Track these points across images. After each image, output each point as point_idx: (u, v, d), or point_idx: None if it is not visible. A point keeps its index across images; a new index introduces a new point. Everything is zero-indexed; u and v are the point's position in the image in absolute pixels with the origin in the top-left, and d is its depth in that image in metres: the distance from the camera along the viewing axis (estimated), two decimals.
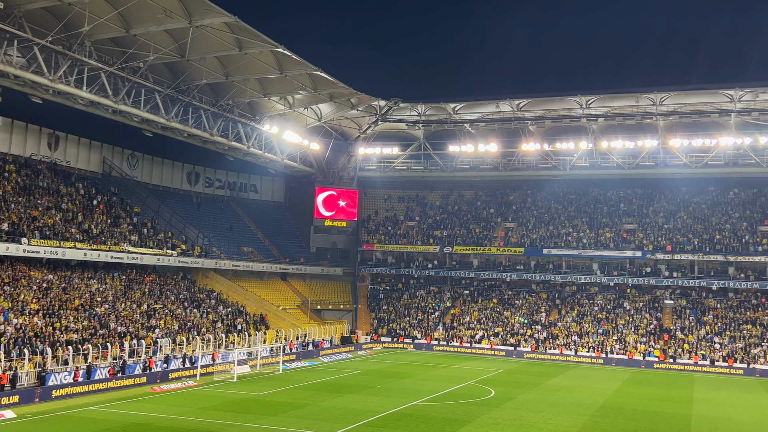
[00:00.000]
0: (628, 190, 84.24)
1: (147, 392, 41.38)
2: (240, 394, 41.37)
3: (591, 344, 67.38)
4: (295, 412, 35.88)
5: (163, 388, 42.64)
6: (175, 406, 36.80)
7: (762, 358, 61.63)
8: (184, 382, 45.16)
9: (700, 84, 68.30)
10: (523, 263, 78.52)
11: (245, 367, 51.36)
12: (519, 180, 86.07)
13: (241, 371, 49.81)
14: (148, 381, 43.91)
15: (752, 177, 76.04)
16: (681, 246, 72.62)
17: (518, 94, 72.90)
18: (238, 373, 48.57)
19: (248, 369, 51.45)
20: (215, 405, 37.44)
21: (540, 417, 36.40)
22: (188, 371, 47.62)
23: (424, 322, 75.88)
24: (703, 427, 35.49)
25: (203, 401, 38.59)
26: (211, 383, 45.46)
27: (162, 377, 45.11)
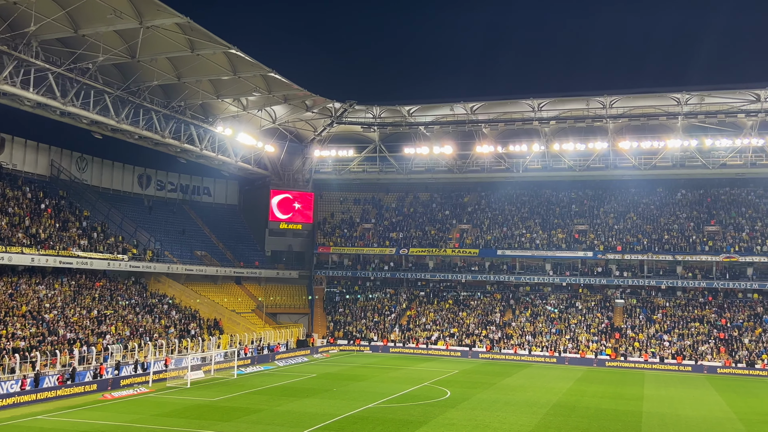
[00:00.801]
0: (579, 192, 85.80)
1: (97, 400, 40.44)
2: (194, 400, 40.76)
3: (544, 343, 68.37)
4: (249, 417, 35.51)
5: (114, 396, 41.74)
6: (127, 414, 36.06)
7: (709, 355, 63.38)
8: (135, 389, 44.29)
9: (649, 87, 70.32)
10: (478, 264, 79.26)
11: (199, 372, 50.62)
12: (473, 182, 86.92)
13: (195, 377, 49.07)
14: (99, 388, 42.93)
15: (699, 178, 78.27)
16: (631, 246, 74.25)
17: (472, 97, 73.64)
18: (191, 378, 47.84)
19: (202, 374, 50.72)
20: (168, 412, 36.81)
21: (495, 417, 36.76)
22: (140, 378, 46.71)
23: (380, 324, 75.97)
24: (653, 424, 36.30)
25: (156, 408, 37.90)
26: (164, 390, 44.69)
27: (113, 384, 44.16)
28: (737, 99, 68.34)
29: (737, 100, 68.45)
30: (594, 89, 71.03)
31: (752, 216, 76.13)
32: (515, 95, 73.37)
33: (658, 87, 69.70)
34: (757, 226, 74.17)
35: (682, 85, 67.46)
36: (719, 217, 77.05)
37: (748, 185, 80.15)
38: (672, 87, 68.35)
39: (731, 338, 65.35)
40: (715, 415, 39.71)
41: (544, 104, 72.97)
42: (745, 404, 43.99)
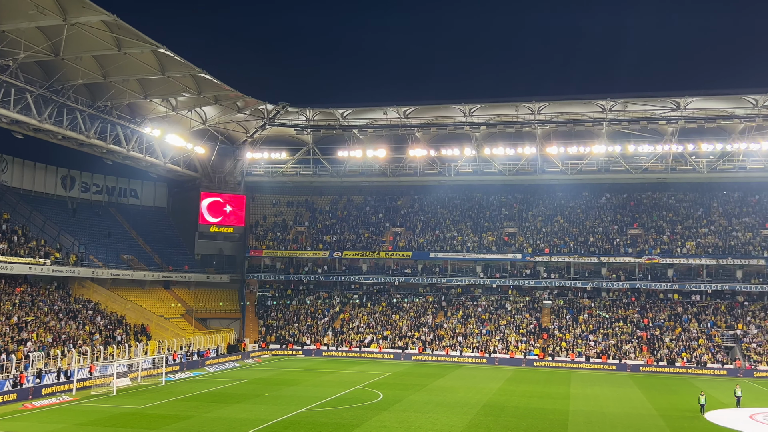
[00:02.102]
0: (509, 196, 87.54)
1: (17, 409, 38.81)
2: (119, 408, 39.60)
3: (475, 344, 69.40)
4: (178, 424, 34.74)
5: (35, 405, 40.15)
6: (49, 423, 34.74)
7: (632, 354, 65.61)
8: (58, 397, 42.72)
9: (575, 94, 71.97)
10: (411, 267, 79.83)
11: (125, 379, 49.22)
12: (407, 185, 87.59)
13: (121, 384, 47.70)
14: (19, 398, 41.23)
15: (622, 183, 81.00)
16: (558, 248, 76.21)
17: (405, 101, 74.18)
18: (117, 386, 46.48)
19: (129, 382, 49.34)
20: (92, 420, 35.65)
21: (427, 418, 37.09)
22: (63, 386, 45.08)
23: (313, 328, 75.58)
24: (579, 422, 37.33)
25: (79, 417, 36.64)
26: (89, 398, 43.26)
27: (34, 393, 42.48)
28: (659, 107, 71.09)
29: (659, 107, 71.19)
30: (523, 95, 72.59)
31: (673, 219, 79.33)
32: (447, 100, 74.36)
33: (583, 94, 71.71)
34: (677, 229, 77.32)
35: (606, 93, 69.66)
36: (642, 220, 79.96)
37: (669, 190, 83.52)
38: (597, 94, 70.51)
39: (653, 337, 67.86)
40: (638, 412, 41.14)
41: (475, 109, 74.16)
42: (665, 401, 45.72)
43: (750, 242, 73.22)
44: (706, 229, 76.57)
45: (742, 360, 63.51)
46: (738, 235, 74.61)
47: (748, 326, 68.13)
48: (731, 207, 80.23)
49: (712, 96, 68.53)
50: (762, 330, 67.48)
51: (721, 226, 76.90)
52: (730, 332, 67.68)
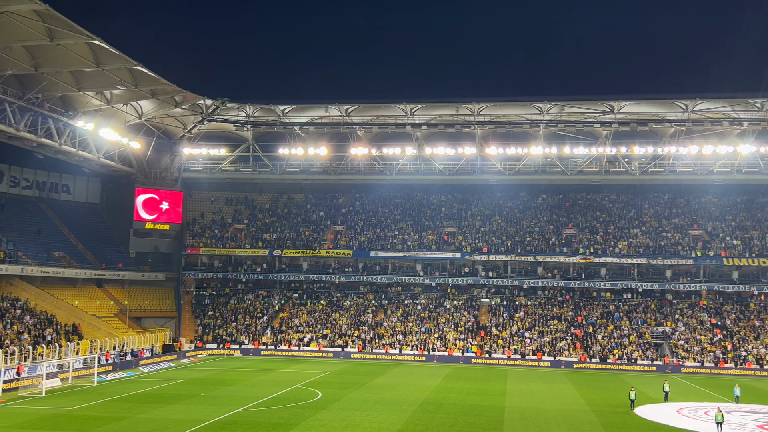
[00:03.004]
0: (449, 195, 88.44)
1: None
2: (49, 409, 38.29)
3: (414, 342, 69.87)
4: (109, 426, 33.83)
5: None
6: None
7: (566, 351, 67.18)
8: None
9: (513, 96, 73.13)
10: (352, 265, 79.82)
11: (55, 380, 47.63)
12: (348, 184, 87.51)
13: (51, 385, 46.15)
14: None
15: (558, 184, 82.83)
16: (496, 248, 77.44)
17: (346, 100, 73.98)
18: (47, 387, 44.95)
19: (59, 382, 47.78)
20: (20, 423, 34.35)
21: (365, 416, 37.13)
22: None
23: (252, 327, 74.73)
24: (514, 418, 37.99)
25: (5, 419, 35.25)
26: (16, 400, 41.69)
27: None
28: (594, 110, 72.93)
29: (594, 110, 73.03)
30: (463, 96, 73.39)
31: (606, 220, 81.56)
32: (389, 99, 74.53)
33: (522, 96, 72.99)
34: (610, 229, 79.54)
35: (544, 95, 71.06)
36: (576, 220, 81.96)
37: (603, 191, 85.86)
38: (535, 96, 71.86)
39: (586, 335, 69.65)
40: (571, 407, 42.12)
41: (417, 109, 74.61)
42: (597, 396, 46.97)
43: (679, 243, 75.91)
44: (638, 230, 79.02)
45: (670, 356, 65.79)
46: (668, 236, 77.26)
47: (677, 324, 70.63)
48: (661, 208, 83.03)
49: (644, 100, 70.74)
50: (689, 327, 70.05)
51: (651, 226, 79.48)
52: (660, 330, 70.05)
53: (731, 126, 71.44)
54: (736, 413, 40.83)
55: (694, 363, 64.28)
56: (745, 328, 69.31)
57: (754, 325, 69.74)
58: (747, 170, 75.25)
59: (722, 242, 75.48)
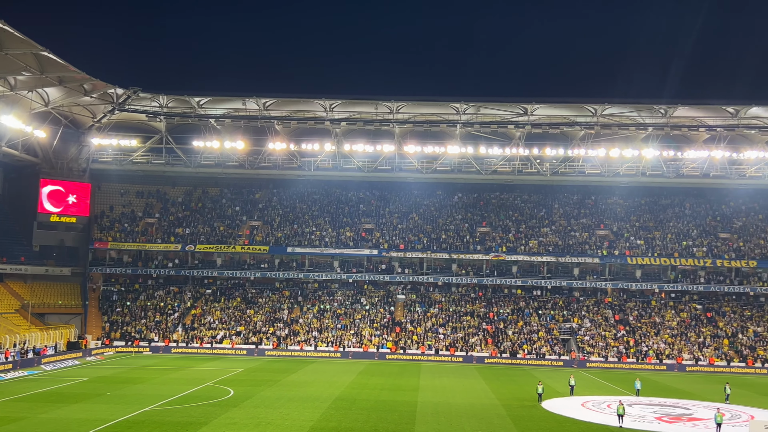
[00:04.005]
0: (367, 192, 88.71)
1: None
2: None
3: (330, 339, 69.75)
4: (8, 427, 32.17)
5: None
6: None
7: (478, 346, 68.61)
8: None
9: (431, 96, 74.14)
10: (268, 261, 78.93)
11: None
12: (265, 178, 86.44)
13: None
14: None
15: (473, 183, 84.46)
16: (412, 245, 78.25)
17: (264, 93, 72.98)
18: None
19: None
20: None
21: (278, 413, 36.78)
22: None
23: (162, 324, 72.76)
24: (426, 412, 38.48)
25: None
26: None
27: None
28: (508, 111, 74.68)
29: (508, 112, 74.79)
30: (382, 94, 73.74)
31: (518, 219, 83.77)
32: (308, 94, 74.05)
33: (439, 96, 74.03)
34: (521, 228, 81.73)
35: (461, 96, 72.26)
36: (490, 219, 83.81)
37: (515, 191, 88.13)
38: (452, 97, 73.03)
39: (497, 330, 71.36)
40: (481, 402, 43.04)
41: (336, 105, 74.41)
42: (507, 391, 48.18)
43: (586, 242, 78.80)
44: (548, 229, 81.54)
45: (576, 351, 68.23)
46: (576, 235, 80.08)
47: (583, 320, 73.31)
48: (570, 208, 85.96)
49: (556, 104, 73.04)
50: (595, 323, 72.86)
51: (561, 226, 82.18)
52: (567, 326, 72.55)
53: (637, 130, 74.65)
54: (637, 406, 42.75)
55: (599, 358, 66.91)
56: (647, 325, 72.68)
57: (655, 322, 73.22)
58: (651, 173, 78.80)
59: (626, 242, 78.84)
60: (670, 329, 71.74)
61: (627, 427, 35.47)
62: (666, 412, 41.00)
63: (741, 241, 78.62)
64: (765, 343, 69.06)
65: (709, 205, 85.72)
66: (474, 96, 73.18)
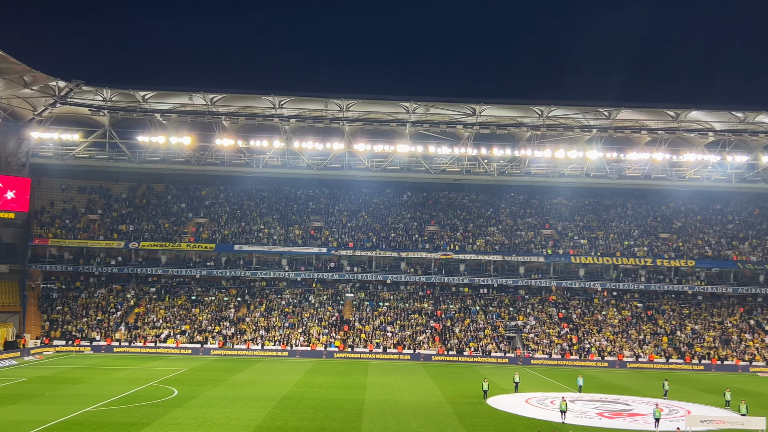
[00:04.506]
0: (316, 190, 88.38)
1: None
2: None
3: (277, 338, 69.26)
4: None
5: None
6: None
7: (426, 344, 69.08)
8: None
9: (381, 94, 74.09)
10: (214, 259, 77.89)
11: None
12: (212, 175, 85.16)
13: None
14: None
15: (423, 182, 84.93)
16: (362, 243, 78.30)
17: (212, 88, 71.89)
18: None
19: None
20: None
21: (223, 413, 36.37)
22: None
23: (104, 323, 71.10)
24: (373, 410, 38.58)
25: None
26: None
27: None
28: (457, 112, 75.32)
29: (457, 112, 75.44)
30: (332, 92, 73.53)
31: (466, 218, 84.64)
32: (256, 90, 73.24)
33: (389, 95, 74.10)
34: (469, 227, 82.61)
35: (410, 95, 72.53)
36: (438, 218, 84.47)
37: (464, 190, 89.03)
38: (401, 96, 73.21)
39: (445, 328, 71.97)
40: (428, 399, 43.38)
41: (285, 102, 73.86)
42: (453, 388, 48.67)
43: (532, 241, 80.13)
44: (495, 228, 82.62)
45: (521, 349, 69.34)
46: (522, 234, 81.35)
47: (528, 318, 74.55)
48: (517, 208, 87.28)
49: (504, 105, 73.96)
50: (539, 321, 74.15)
51: (507, 225, 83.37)
52: (512, 323, 73.67)
53: (581, 132, 76.18)
54: (579, 402, 43.71)
55: (543, 355, 68.14)
56: (589, 322, 74.33)
57: (597, 319, 74.95)
58: (594, 174, 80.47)
59: (570, 241, 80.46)
60: (611, 327, 73.51)
61: (569, 423, 36.22)
62: (607, 408, 42.03)
63: (680, 241, 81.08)
64: (702, 341, 71.41)
65: (650, 206, 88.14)
66: (423, 96, 73.60)
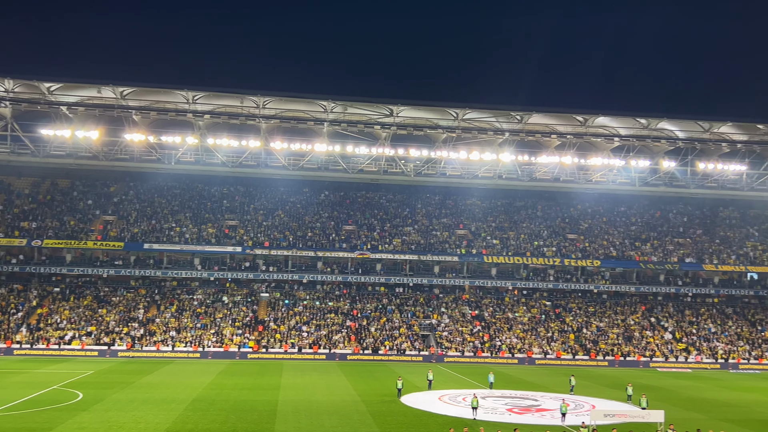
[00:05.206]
0: (231, 188, 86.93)
1: None
2: None
3: (189, 339, 67.67)
4: None
5: None
6: None
7: (341, 344, 69.09)
8: None
9: (298, 92, 73.59)
10: (123, 258, 75.39)
11: None
12: (122, 171, 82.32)
13: None
14: None
15: (340, 181, 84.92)
16: (278, 242, 77.53)
17: (122, 81, 69.47)
18: None
19: None
20: None
21: (131, 416, 35.26)
22: None
23: (4, 324, 67.53)
24: (287, 411, 38.28)
25: None
26: None
27: None
28: (375, 112, 75.66)
29: (375, 113, 75.78)
30: (248, 88, 72.43)
31: (383, 218, 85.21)
32: (169, 84, 71.29)
33: (306, 93, 73.68)
34: (386, 227, 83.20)
35: (328, 94, 72.35)
36: (356, 217, 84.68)
37: (381, 190, 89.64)
38: (319, 94, 72.95)
39: (361, 327, 72.20)
40: (343, 398, 43.40)
41: (199, 97, 72.21)
42: (368, 387, 48.88)
43: (447, 241, 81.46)
44: (411, 228, 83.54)
45: (435, 347, 70.37)
46: (437, 234, 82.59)
47: (442, 316, 75.74)
48: (432, 208, 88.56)
49: (420, 106, 74.82)
50: (453, 319, 75.46)
51: (423, 225, 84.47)
52: (427, 322, 74.67)
53: (495, 135, 77.97)
54: (490, 398, 44.76)
55: (456, 353, 69.40)
56: (501, 320, 76.22)
57: (508, 317, 76.94)
58: (507, 176, 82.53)
59: (483, 241, 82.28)
60: (521, 325, 75.62)
61: (480, 419, 37.02)
62: (516, 404, 43.21)
63: (587, 242, 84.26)
64: (606, 338, 74.44)
65: (558, 208, 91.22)
66: (341, 95, 73.54)
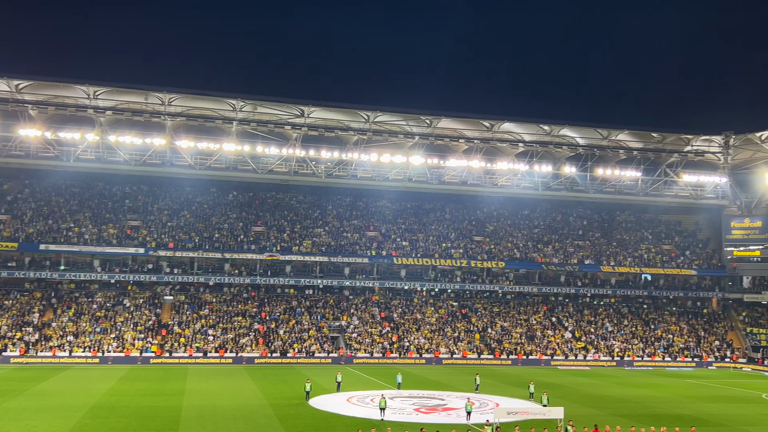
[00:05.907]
0: (134, 187, 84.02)
1: None
2: None
3: (87, 344, 64.89)
4: None
5: None
6: None
7: (249, 347, 67.98)
8: None
9: (206, 90, 72.13)
10: (16, 260, 71.48)
11: None
12: (16, 168, 78.03)
13: None
14: None
15: (249, 182, 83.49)
16: (183, 243, 75.48)
17: (17, 74, 65.99)
18: None
19: None
20: None
21: (23, 426, 33.52)
22: None
23: None
24: (191, 417, 37.32)
25: None
26: None
27: None
28: (286, 112, 75.02)
29: (285, 113, 75.13)
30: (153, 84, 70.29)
31: (293, 219, 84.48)
32: (68, 79, 68.25)
33: (214, 91, 72.29)
34: (296, 228, 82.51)
35: (237, 93, 71.19)
36: (265, 218, 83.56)
37: (291, 191, 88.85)
38: (227, 93, 71.70)
39: (269, 330, 71.27)
40: (249, 403, 42.72)
41: (101, 93, 69.49)
42: (276, 390, 48.32)
43: (357, 242, 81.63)
44: (321, 230, 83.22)
45: (344, 348, 70.34)
46: (347, 236, 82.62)
47: (352, 318, 75.81)
48: (343, 210, 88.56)
49: (331, 108, 74.80)
50: (362, 321, 75.67)
51: (334, 227, 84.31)
52: (336, 323, 74.55)
53: (405, 138, 78.88)
54: (398, 399, 45.14)
55: (365, 354, 69.59)
56: (409, 321, 77.03)
57: (417, 318, 77.86)
58: (416, 179, 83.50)
59: (393, 243, 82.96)
60: (429, 325, 76.69)
61: (388, 420, 37.27)
62: (423, 404, 43.77)
63: (492, 244, 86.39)
64: (510, 337, 76.52)
65: (466, 211, 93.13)
66: (251, 94, 72.57)
